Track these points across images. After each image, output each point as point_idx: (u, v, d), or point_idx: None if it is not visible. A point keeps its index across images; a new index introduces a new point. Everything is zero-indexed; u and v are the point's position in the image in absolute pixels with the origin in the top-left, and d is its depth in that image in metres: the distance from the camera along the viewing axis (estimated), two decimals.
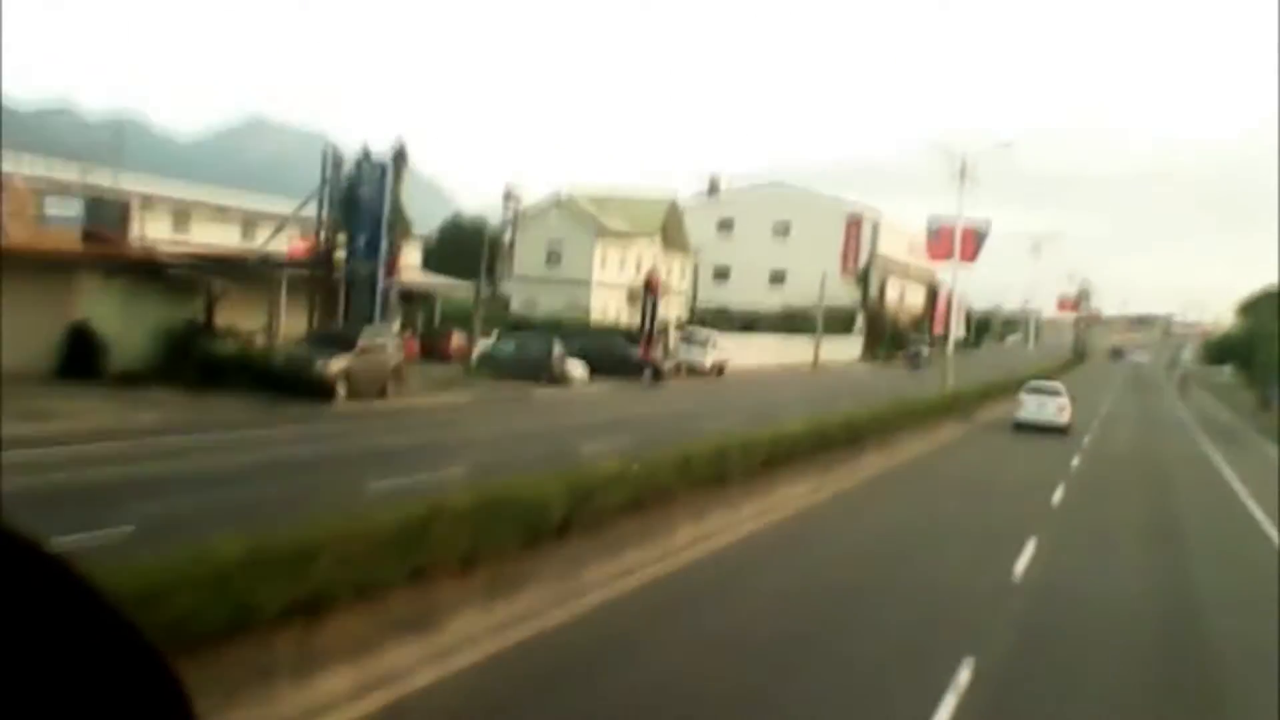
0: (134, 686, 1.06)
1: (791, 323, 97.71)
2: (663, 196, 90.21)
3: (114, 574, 6.54)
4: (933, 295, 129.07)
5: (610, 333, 58.56)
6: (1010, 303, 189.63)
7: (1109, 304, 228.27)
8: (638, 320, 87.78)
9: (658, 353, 57.09)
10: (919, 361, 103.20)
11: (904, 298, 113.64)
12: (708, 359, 60.22)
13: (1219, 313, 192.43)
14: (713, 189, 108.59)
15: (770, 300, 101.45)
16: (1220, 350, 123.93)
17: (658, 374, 53.94)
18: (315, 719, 8.67)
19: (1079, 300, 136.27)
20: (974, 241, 42.95)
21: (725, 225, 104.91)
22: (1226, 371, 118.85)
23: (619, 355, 54.51)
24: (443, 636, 10.35)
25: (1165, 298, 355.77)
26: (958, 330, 44.28)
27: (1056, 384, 49.97)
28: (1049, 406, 45.28)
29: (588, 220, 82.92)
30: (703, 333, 63.04)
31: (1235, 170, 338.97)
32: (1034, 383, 49.83)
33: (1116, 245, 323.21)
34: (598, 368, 53.30)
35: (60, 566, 1.05)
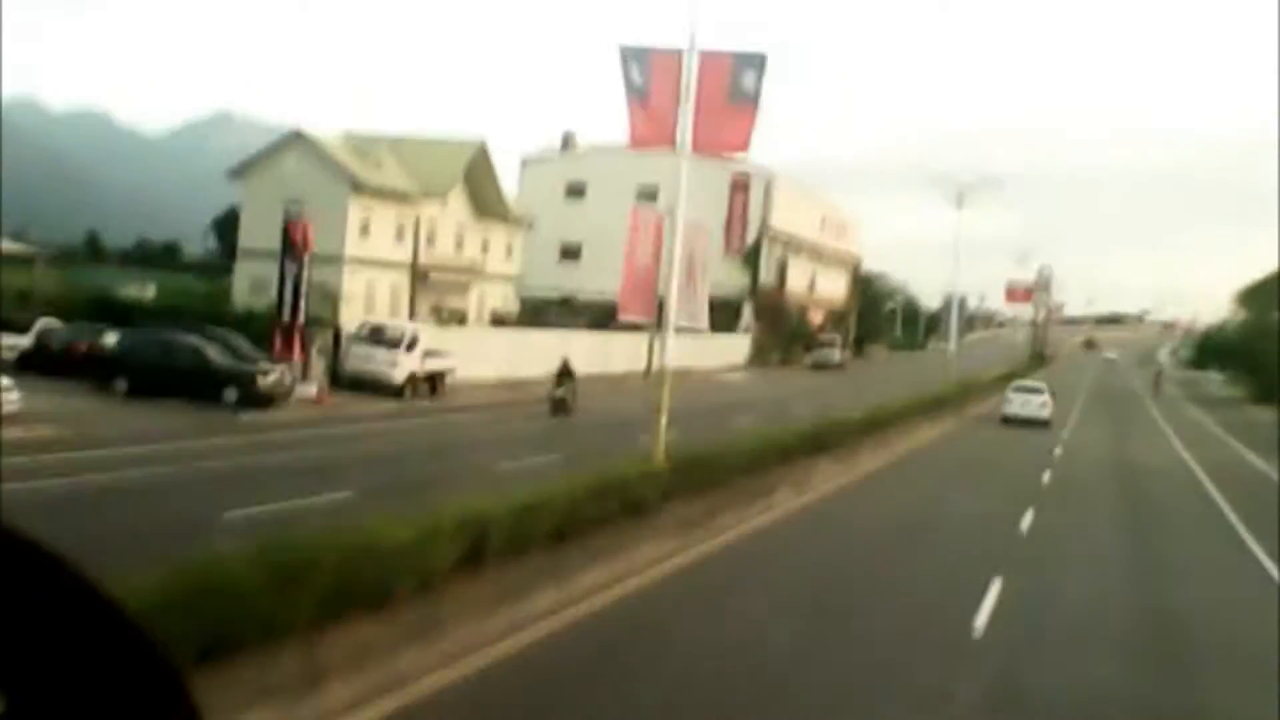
0: (138, 684, 1.07)
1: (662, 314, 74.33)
2: (465, 142, 66.31)
3: None
4: (856, 281, 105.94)
5: (191, 325, 34.44)
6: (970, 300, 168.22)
7: (1076, 302, 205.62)
8: (421, 314, 64.30)
9: (285, 361, 33.42)
10: (829, 365, 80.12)
11: (814, 285, 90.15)
12: (399, 369, 36.55)
13: (1198, 310, 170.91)
14: (566, 145, 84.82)
15: None
16: (1210, 351, 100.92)
17: (251, 397, 30.24)
18: None
19: (1034, 290, 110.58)
20: (728, 90, 17.28)
21: (575, 190, 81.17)
22: (1215, 379, 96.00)
23: (192, 363, 30.82)
24: None
25: (1135, 296, 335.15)
26: (693, 318, 19.42)
27: (1040, 384, 53.27)
28: (1032, 403, 48.87)
29: (338, 170, 58.97)
30: (395, 328, 39.05)
31: (1208, 167, 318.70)
32: (1019, 382, 54.44)
33: (1084, 243, 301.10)
34: (155, 383, 30.06)
35: (61, 566, 1.06)
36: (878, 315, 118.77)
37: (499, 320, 67.87)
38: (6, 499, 18.62)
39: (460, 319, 63.05)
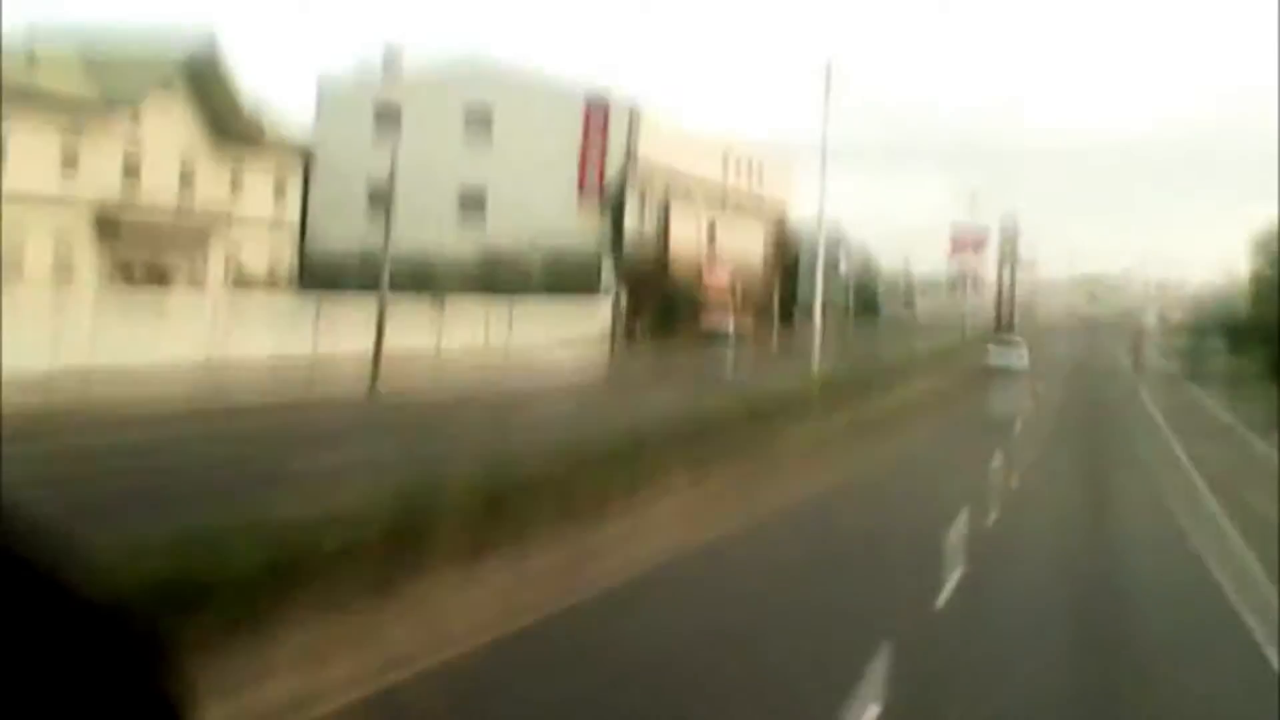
0: (134, 679, 1.07)
1: (495, 277, 56.41)
2: (178, 34, 47.45)
3: None
4: (782, 236, 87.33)
5: None
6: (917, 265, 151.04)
7: (1054, 266, 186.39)
8: (110, 266, 45.74)
9: None
10: (718, 341, 61.72)
11: (715, 240, 71.36)
12: None
13: (1185, 271, 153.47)
14: (389, 65, 65.82)
15: (462, 240, 59.41)
16: (1213, 316, 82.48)
17: None
18: None
19: (985, 240, 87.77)
20: None
21: (388, 118, 62.24)
22: (1223, 353, 77.59)
23: None
24: None
25: (1118, 256, 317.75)
26: None
27: (1017, 337, 63.26)
28: (1011, 355, 57.03)
29: None
30: None
31: (1193, 131, 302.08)
32: (1000, 335, 65.38)
33: (1064, 207, 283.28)
34: None
35: (56, 564, 1.06)
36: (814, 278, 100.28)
37: (247, 284, 49.21)
38: None
39: (160, 279, 44.32)
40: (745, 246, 77.46)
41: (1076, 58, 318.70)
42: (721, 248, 71.50)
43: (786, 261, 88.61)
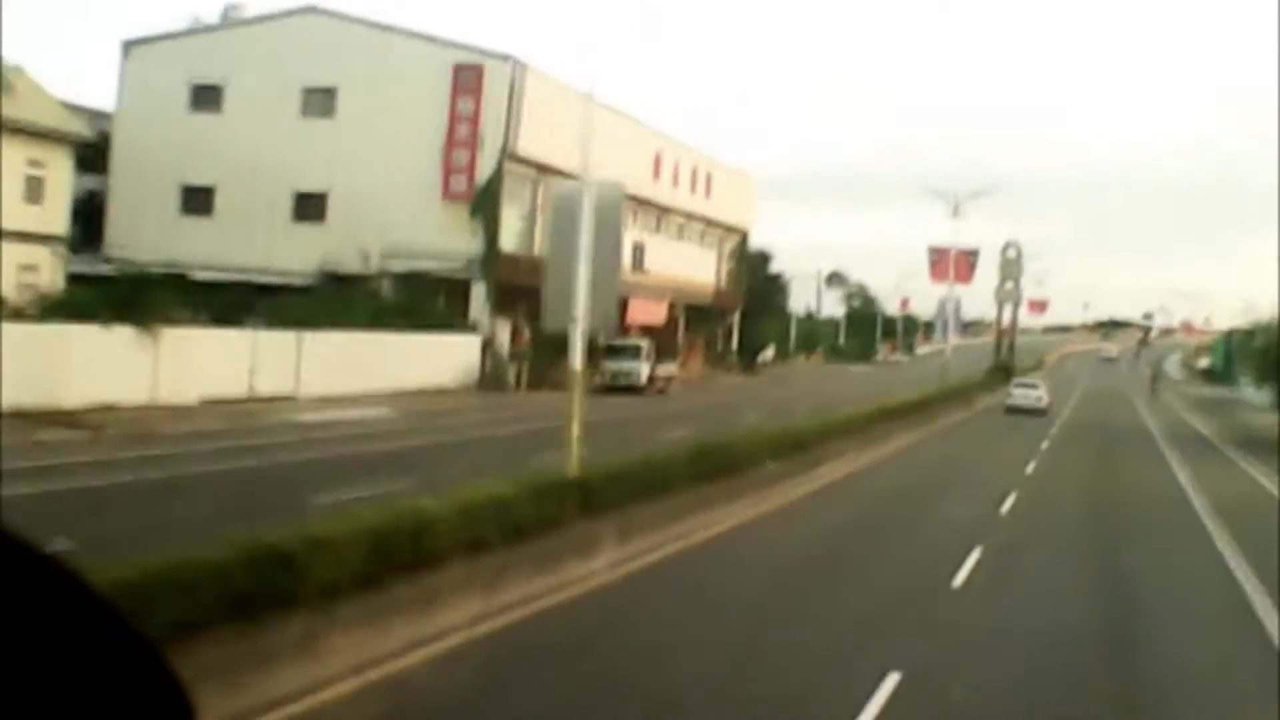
0: (132, 683, 1.07)
1: (339, 298, 43.73)
2: None
3: None
4: (741, 263, 74.43)
5: None
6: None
7: (1069, 311, 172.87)
8: None
9: None
10: (630, 384, 48.85)
11: (643, 266, 57.86)
12: None
13: (1210, 313, 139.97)
14: (229, 23, 52.94)
15: (299, 252, 46.38)
16: (1249, 359, 68.94)
17: None
18: None
19: (969, 265, 70.82)
20: None
21: (207, 95, 49.35)
22: (1256, 399, 64.43)
23: None
24: None
25: (1137, 301, 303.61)
26: None
27: (1036, 379, 62.10)
28: (1031, 395, 54.58)
29: None
30: None
31: (1207, 171, 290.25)
32: (1019, 379, 62.14)
33: (1080, 249, 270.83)
34: None
35: (56, 567, 1.06)
36: (779, 313, 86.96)
37: None
38: None
39: None
40: (690, 276, 64.18)
41: (1089, 86, 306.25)
42: (654, 277, 58.03)
43: (753, 294, 75.63)
